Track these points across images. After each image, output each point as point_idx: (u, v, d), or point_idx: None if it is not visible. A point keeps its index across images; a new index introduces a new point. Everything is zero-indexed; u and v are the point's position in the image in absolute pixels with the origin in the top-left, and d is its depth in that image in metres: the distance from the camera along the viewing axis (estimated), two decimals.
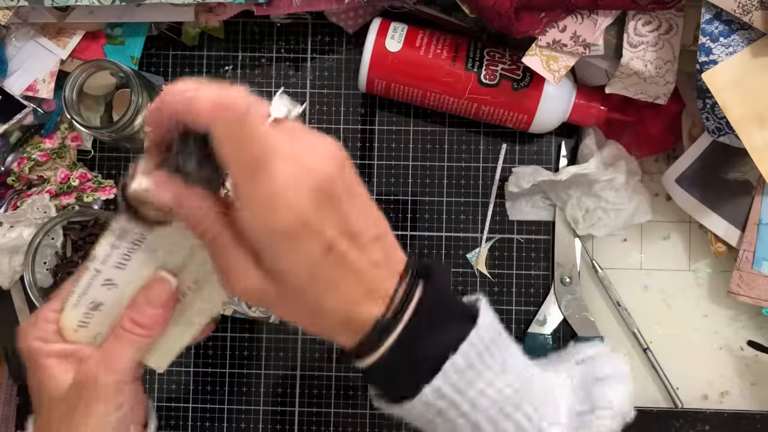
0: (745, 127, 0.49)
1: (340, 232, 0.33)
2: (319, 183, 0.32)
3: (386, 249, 0.35)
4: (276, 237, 0.32)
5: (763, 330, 0.62)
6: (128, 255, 0.42)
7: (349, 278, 0.34)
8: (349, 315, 0.34)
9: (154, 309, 0.41)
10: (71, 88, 0.55)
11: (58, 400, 0.40)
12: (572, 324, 0.61)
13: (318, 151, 0.33)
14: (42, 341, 0.41)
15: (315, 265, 0.33)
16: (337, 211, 0.33)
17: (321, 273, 0.33)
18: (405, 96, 0.58)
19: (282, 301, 0.35)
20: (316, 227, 0.32)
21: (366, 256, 0.34)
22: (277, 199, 0.31)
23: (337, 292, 0.34)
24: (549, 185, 0.60)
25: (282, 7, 0.57)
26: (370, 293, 0.34)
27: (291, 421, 0.62)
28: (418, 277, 0.36)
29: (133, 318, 0.41)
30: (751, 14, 0.48)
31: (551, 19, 0.52)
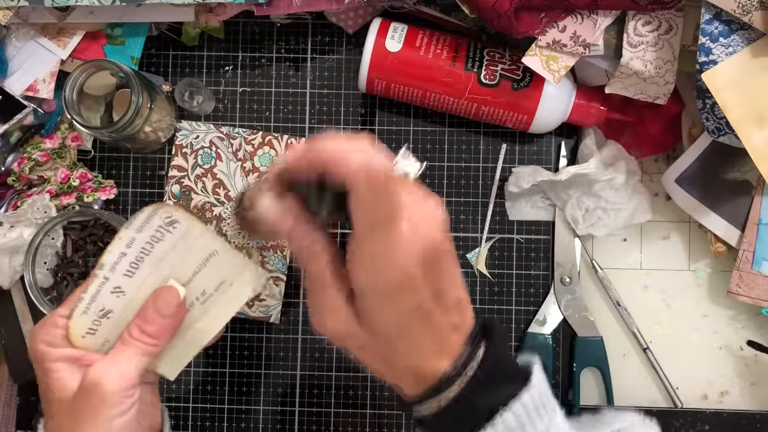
0: (744, 127, 0.49)
1: (432, 293, 0.36)
2: (428, 249, 0.35)
3: (462, 311, 0.38)
4: (380, 290, 0.35)
5: (762, 330, 0.62)
6: (137, 263, 0.42)
7: (429, 335, 0.36)
8: (419, 368, 0.37)
9: (163, 318, 0.42)
10: (71, 88, 0.55)
11: (66, 405, 0.40)
12: (572, 324, 0.61)
13: (432, 219, 0.36)
14: (49, 345, 0.42)
15: (405, 319, 0.36)
16: (434, 274, 0.36)
17: (407, 327, 0.36)
18: (405, 96, 0.58)
19: (364, 345, 0.37)
20: (415, 287, 0.35)
21: (447, 317, 0.37)
22: (391, 257, 0.34)
23: (415, 346, 0.37)
24: (549, 185, 0.61)
25: (282, 7, 0.57)
26: (442, 350, 0.37)
27: (291, 421, 0.62)
28: (481, 335, 0.39)
29: (141, 326, 0.42)
30: (750, 14, 0.48)
31: (551, 19, 0.52)
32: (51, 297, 0.60)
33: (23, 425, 0.62)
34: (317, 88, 0.63)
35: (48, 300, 0.58)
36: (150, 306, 0.42)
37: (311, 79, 0.63)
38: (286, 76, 0.63)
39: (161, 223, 0.42)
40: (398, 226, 0.34)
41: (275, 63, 0.63)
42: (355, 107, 0.62)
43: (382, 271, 0.34)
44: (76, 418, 0.40)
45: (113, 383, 0.40)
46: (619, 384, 0.61)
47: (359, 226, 0.35)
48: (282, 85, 0.63)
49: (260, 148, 0.62)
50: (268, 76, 0.63)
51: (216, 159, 0.62)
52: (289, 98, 0.63)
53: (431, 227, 0.36)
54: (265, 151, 0.62)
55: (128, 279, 0.42)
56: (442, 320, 0.37)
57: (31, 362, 0.43)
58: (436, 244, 0.35)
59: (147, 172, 0.63)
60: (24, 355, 0.61)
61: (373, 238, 0.35)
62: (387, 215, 0.34)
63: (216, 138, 0.62)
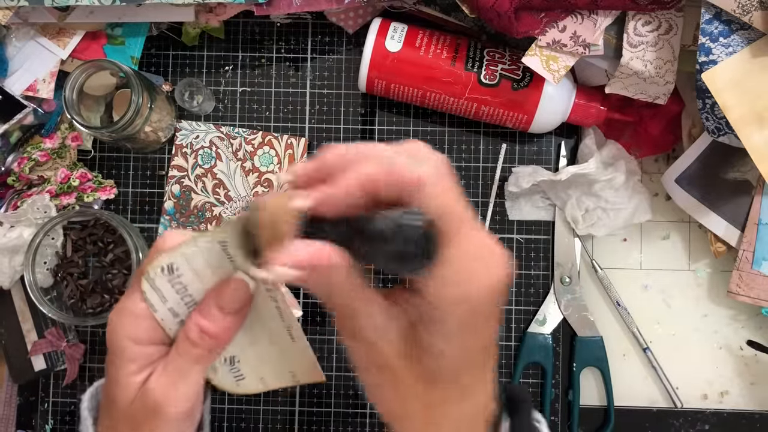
0: (744, 127, 0.49)
1: (493, 335, 0.32)
2: (506, 278, 0.31)
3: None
4: (466, 310, 0.30)
5: (762, 330, 0.62)
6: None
7: (483, 388, 0.33)
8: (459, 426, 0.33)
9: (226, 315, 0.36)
10: (71, 88, 0.55)
11: (125, 410, 0.36)
12: (572, 324, 0.61)
13: (503, 250, 0.31)
14: (134, 341, 0.36)
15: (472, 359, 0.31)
16: (497, 314, 0.32)
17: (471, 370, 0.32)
18: (405, 96, 0.58)
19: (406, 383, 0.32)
20: (493, 318, 0.31)
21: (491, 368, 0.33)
22: (476, 270, 0.30)
23: (470, 400, 0.32)
24: (549, 185, 0.61)
25: (282, 7, 0.57)
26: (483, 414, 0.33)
27: (291, 420, 0.62)
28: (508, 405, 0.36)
29: (202, 326, 0.35)
30: (750, 14, 0.48)
31: (551, 19, 0.52)
32: (51, 297, 0.60)
33: (23, 425, 0.62)
34: (317, 88, 0.63)
35: (48, 300, 0.58)
36: (212, 301, 0.35)
37: (311, 79, 0.63)
38: (286, 76, 0.63)
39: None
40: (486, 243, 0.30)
41: (275, 63, 0.63)
42: (355, 107, 0.62)
43: (472, 289, 0.29)
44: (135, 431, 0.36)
45: (178, 411, 0.35)
46: (619, 384, 0.61)
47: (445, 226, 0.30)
48: (282, 85, 0.63)
49: (260, 148, 0.62)
50: (268, 76, 0.63)
51: (216, 159, 0.62)
52: (289, 98, 0.63)
53: (506, 261, 0.31)
54: (265, 151, 0.62)
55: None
56: (492, 374, 0.33)
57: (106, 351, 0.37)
58: (508, 278, 0.31)
59: (147, 172, 0.63)
60: (24, 355, 0.61)
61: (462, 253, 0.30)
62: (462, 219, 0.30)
63: (216, 138, 0.62)
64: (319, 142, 0.62)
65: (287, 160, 0.62)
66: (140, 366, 0.36)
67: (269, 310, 0.37)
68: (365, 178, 0.29)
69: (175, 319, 0.37)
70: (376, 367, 0.32)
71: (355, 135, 0.62)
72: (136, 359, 0.36)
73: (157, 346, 0.37)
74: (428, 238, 0.29)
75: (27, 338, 0.61)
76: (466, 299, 0.29)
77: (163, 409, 0.35)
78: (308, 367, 0.38)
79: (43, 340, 0.61)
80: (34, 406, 0.62)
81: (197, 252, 0.35)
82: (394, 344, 0.32)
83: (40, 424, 0.62)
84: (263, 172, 0.62)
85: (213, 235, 0.34)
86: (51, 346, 0.61)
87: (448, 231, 0.29)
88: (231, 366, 0.39)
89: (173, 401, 0.35)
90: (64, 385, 0.62)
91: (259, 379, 0.39)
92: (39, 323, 0.61)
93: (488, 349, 0.32)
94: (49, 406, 0.62)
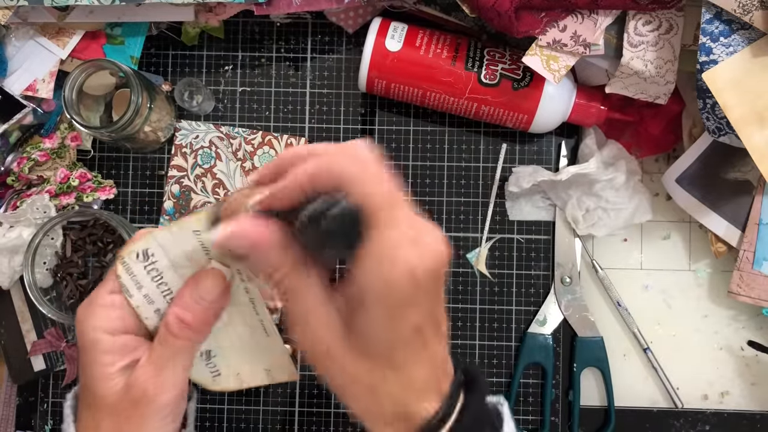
0: (745, 126, 0.49)
1: (431, 317, 0.33)
2: (437, 266, 0.32)
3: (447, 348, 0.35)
4: (387, 295, 0.31)
5: (763, 330, 0.62)
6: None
7: (423, 365, 0.34)
8: (406, 407, 0.34)
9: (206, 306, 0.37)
10: (71, 88, 0.55)
11: (108, 404, 0.37)
12: (572, 324, 0.61)
13: (440, 237, 0.33)
14: (106, 332, 0.37)
15: (404, 339, 0.33)
16: (435, 297, 0.33)
17: (404, 350, 0.33)
18: (405, 96, 0.58)
19: (349, 371, 0.34)
20: (421, 303, 0.32)
21: (441, 348, 0.34)
22: (406, 260, 0.31)
23: (407, 376, 0.33)
24: (549, 185, 0.60)
25: (282, 7, 0.57)
26: (429, 390, 0.34)
27: (291, 421, 0.62)
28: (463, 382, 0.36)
29: (181, 317, 0.37)
30: (751, 14, 0.47)
31: (551, 19, 0.52)
32: (50, 297, 0.60)
33: (23, 425, 0.62)
34: (317, 88, 0.62)
35: (48, 300, 0.57)
36: (190, 291, 0.37)
37: (311, 78, 0.63)
38: (286, 75, 0.63)
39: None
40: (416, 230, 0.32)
41: (275, 63, 0.63)
42: (355, 107, 0.62)
43: (394, 272, 0.31)
44: (120, 425, 0.36)
45: (166, 398, 0.36)
46: (620, 384, 0.61)
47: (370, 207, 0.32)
48: (282, 85, 0.62)
49: (260, 148, 0.62)
50: (268, 75, 0.63)
51: (216, 159, 0.62)
52: (289, 98, 0.62)
53: (441, 245, 0.32)
54: (264, 151, 0.62)
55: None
56: (437, 350, 0.34)
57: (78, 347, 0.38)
58: (443, 264, 0.32)
59: (147, 172, 0.63)
60: (23, 356, 0.61)
61: (385, 237, 0.31)
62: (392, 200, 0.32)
63: (216, 138, 0.62)
64: (319, 141, 0.62)
65: None
66: (116, 357, 0.37)
67: (244, 304, 0.38)
68: (308, 174, 0.32)
69: (150, 306, 0.38)
70: (323, 353, 0.34)
71: (355, 135, 0.62)
72: (110, 350, 0.37)
73: (131, 335, 0.38)
74: (351, 221, 0.31)
75: (26, 338, 0.61)
76: (387, 282, 0.31)
77: (151, 398, 0.36)
78: (282, 364, 0.39)
79: (43, 340, 0.61)
80: (33, 407, 0.62)
81: (171, 240, 0.37)
82: (335, 330, 0.33)
83: (40, 424, 0.62)
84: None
85: (184, 224, 0.36)
86: (50, 346, 0.61)
87: (374, 217, 0.31)
88: (207, 360, 0.40)
89: (161, 389, 0.36)
90: (64, 386, 0.62)
91: (235, 375, 0.40)
92: (38, 323, 0.61)
93: (423, 328, 0.33)
94: (48, 406, 0.62)
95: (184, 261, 0.38)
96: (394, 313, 0.32)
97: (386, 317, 0.32)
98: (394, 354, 0.33)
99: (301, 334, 0.34)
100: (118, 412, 0.36)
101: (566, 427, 0.61)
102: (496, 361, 0.61)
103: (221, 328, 0.39)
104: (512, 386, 0.61)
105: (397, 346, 0.33)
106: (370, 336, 0.33)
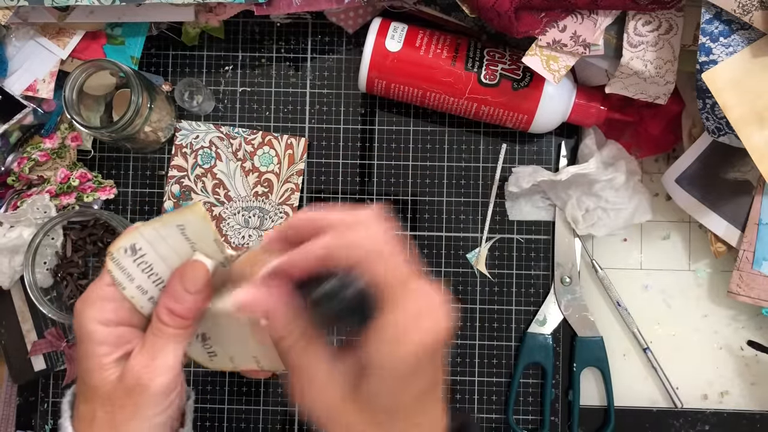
0: (744, 126, 0.49)
1: (435, 380, 0.36)
2: (443, 334, 0.35)
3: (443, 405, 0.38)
4: (399, 363, 0.34)
5: (762, 330, 0.62)
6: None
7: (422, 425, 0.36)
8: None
9: (193, 295, 0.39)
10: (71, 88, 0.55)
11: (103, 395, 0.38)
12: (572, 324, 0.61)
13: (445, 307, 0.35)
14: (102, 324, 0.38)
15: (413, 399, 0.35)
16: (437, 366, 0.36)
17: (405, 412, 0.36)
18: (405, 96, 0.58)
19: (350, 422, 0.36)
20: (428, 369, 0.35)
21: (439, 407, 0.37)
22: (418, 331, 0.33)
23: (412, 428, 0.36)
24: (549, 185, 0.60)
25: (282, 7, 0.57)
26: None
27: (291, 421, 0.62)
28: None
29: (171, 308, 0.39)
30: (751, 14, 0.48)
31: (551, 19, 0.52)
32: (51, 297, 0.60)
33: (23, 425, 0.62)
34: (317, 88, 0.63)
35: (48, 300, 0.58)
36: (176, 283, 0.39)
37: (311, 79, 0.63)
38: (286, 76, 0.63)
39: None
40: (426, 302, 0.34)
41: (275, 63, 0.63)
42: (355, 107, 0.62)
43: (401, 351, 0.33)
44: (115, 414, 0.38)
45: (158, 384, 0.38)
46: (619, 384, 0.61)
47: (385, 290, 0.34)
48: (282, 85, 0.63)
49: (260, 148, 0.62)
50: (268, 76, 0.63)
51: (216, 159, 0.62)
52: (289, 98, 0.63)
53: (444, 321, 0.35)
54: (264, 151, 0.62)
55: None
56: (436, 410, 0.37)
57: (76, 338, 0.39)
58: (446, 332, 0.35)
59: (147, 172, 0.63)
60: (24, 356, 0.61)
61: (393, 318, 0.34)
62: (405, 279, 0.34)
63: (216, 138, 0.62)
64: (319, 141, 0.62)
65: (287, 160, 0.62)
66: (111, 347, 0.38)
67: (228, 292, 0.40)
68: (323, 249, 0.34)
69: (144, 296, 0.40)
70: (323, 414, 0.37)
71: (355, 135, 0.62)
72: (105, 341, 0.38)
73: (127, 327, 0.40)
74: (363, 301, 0.34)
75: (27, 338, 0.61)
76: (394, 359, 0.34)
77: (145, 385, 0.37)
78: (268, 354, 0.41)
79: (43, 340, 0.61)
80: (33, 407, 0.62)
81: (156, 236, 0.39)
82: (335, 394, 0.36)
83: (40, 424, 0.62)
84: (263, 172, 0.61)
85: (168, 219, 0.39)
86: (51, 346, 0.61)
87: (385, 294, 0.34)
88: (203, 342, 0.42)
89: (153, 373, 0.37)
90: (64, 386, 0.62)
91: (229, 359, 0.43)
92: (39, 323, 0.61)
93: (425, 393, 0.36)
94: (48, 406, 0.62)
95: (171, 253, 0.40)
96: (398, 384, 0.35)
97: (391, 386, 0.35)
98: (396, 416, 0.36)
99: (300, 396, 0.37)
100: (113, 401, 0.38)
101: (566, 427, 0.61)
102: (496, 361, 0.61)
103: (211, 314, 0.41)
104: (512, 386, 0.61)
105: (399, 410, 0.36)
106: (376, 399, 0.35)
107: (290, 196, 0.61)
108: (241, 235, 0.61)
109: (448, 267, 0.62)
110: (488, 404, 0.61)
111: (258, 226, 0.61)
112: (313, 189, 0.62)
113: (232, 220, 0.61)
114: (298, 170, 0.62)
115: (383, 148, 0.62)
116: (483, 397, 0.61)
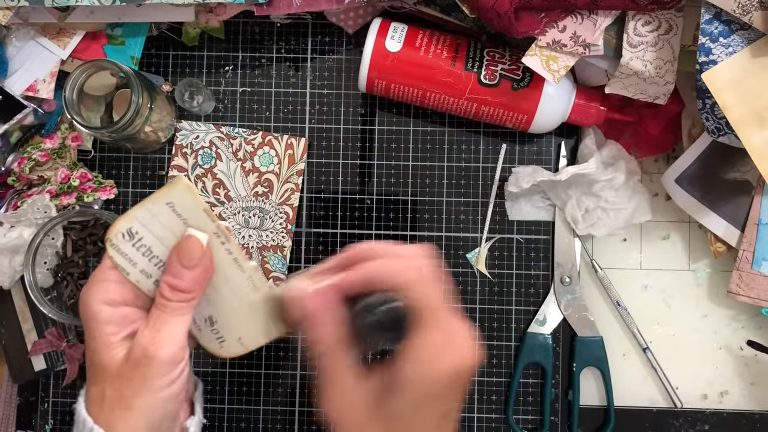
0: (744, 127, 0.49)
1: (454, 406, 0.39)
2: (471, 362, 0.38)
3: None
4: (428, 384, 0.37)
5: (762, 330, 0.62)
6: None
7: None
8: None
9: (191, 270, 0.41)
10: (71, 88, 0.55)
11: (112, 373, 0.39)
12: (572, 324, 0.61)
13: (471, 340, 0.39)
14: (106, 304, 0.40)
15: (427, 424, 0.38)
16: (460, 392, 0.39)
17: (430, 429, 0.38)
18: (405, 96, 0.58)
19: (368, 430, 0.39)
20: (449, 396, 0.38)
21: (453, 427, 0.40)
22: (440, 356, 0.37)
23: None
24: (549, 185, 0.61)
25: (282, 7, 0.57)
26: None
27: (291, 421, 0.62)
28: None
29: (172, 284, 0.40)
30: (750, 14, 0.48)
31: (551, 19, 0.52)
32: (51, 297, 0.60)
33: (23, 425, 0.62)
34: (317, 88, 0.63)
35: (48, 300, 0.58)
36: (174, 259, 0.41)
37: (311, 79, 0.63)
38: (286, 76, 0.63)
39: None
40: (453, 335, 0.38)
41: (275, 63, 0.63)
42: (355, 107, 0.63)
43: (431, 374, 0.37)
44: (123, 389, 0.39)
45: (164, 354, 0.39)
46: (619, 384, 0.61)
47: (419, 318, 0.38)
48: (282, 85, 0.63)
49: (260, 148, 0.62)
50: (268, 76, 0.63)
51: (216, 159, 0.62)
52: (289, 98, 0.63)
53: (472, 351, 0.38)
54: (265, 151, 0.62)
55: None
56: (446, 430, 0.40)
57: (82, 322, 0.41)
58: (474, 362, 0.38)
59: (147, 172, 0.63)
60: (24, 355, 0.61)
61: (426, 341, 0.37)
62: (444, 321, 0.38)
63: (216, 138, 0.62)
64: (319, 142, 0.62)
65: (287, 161, 0.62)
66: (117, 327, 0.40)
67: (228, 264, 0.42)
68: (375, 272, 0.39)
69: (149, 279, 0.42)
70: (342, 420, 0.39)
71: (355, 135, 0.62)
72: (111, 320, 0.40)
73: (132, 308, 0.41)
74: (399, 318, 0.38)
75: (27, 338, 0.61)
76: (426, 378, 0.37)
77: (151, 356, 0.39)
78: (277, 314, 0.43)
79: (43, 340, 0.61)
80: (34, 406, 0.62)
81: (149, 216, 0.41)
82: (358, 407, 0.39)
83: (40, 424, 0.62)
84: (263, 172, 0.62)
85: (157, 198, 0.40)
86: (51, 346, 0.61)
87: (422, 319, 0.38)
88: (211, 327, 0.44)
89: (159, 344, 0.39)
90: (64, 385, 0.62)
91: (237, 340, 0.44)
92: (39, 323, 0.61)
93: (445, 417, 0.39)
94: (49, 406, 0.62)
95: (166, 233, 0.41)
96: (425, 403, 0.38)
97: (417, 405, 0.38)
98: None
99: (327, 400, 0.39)
100: (120, 377, 0.39)
101: (566, 427, 0.61)
102: (496, 361, 0.62)
103: (215, 292, 0.43)
104: (512, 386, 0.61)
105: (419, 429, 0.38)
106: (400, 416, 0.38)
107: (290, 196, 0.62)
108: (241, 235, 0.61)
109: (448, 267, 0.62)
110: (488, 404, 0.61)
111: (258, 226, 0.62)
112: (313, 189, 0.62)
113: (232, 220, 0.61)
114: (298, 170, 0.62)
115: (383, 148, 0.62)
116: (483, 396, 0.61)
